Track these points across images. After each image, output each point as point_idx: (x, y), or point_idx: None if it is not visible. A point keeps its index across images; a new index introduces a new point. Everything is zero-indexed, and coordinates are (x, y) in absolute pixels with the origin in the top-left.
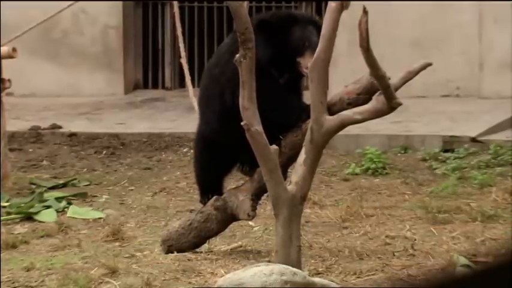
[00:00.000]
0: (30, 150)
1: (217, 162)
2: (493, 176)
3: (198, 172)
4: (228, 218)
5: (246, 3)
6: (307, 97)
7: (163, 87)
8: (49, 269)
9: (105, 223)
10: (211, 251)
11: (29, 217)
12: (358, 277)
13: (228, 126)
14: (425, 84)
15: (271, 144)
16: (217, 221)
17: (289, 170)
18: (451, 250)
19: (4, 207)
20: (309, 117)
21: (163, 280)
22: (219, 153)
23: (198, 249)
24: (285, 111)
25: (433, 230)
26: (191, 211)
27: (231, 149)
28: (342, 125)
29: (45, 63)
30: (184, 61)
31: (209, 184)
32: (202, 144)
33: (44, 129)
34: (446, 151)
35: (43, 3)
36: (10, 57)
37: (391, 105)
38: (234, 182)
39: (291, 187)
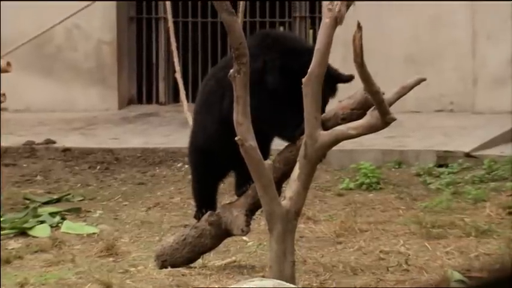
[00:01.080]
0: (24, 165)
1: (211, 173)
2: (487, 191)
3: (193, 184)
4: (222, 233)
5: (240, 17)
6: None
7: (157, 102)
8: (43, 284)
9: (99, 238)
10: (205, 266)
11: (22, 232)
12: None
13: (225, 133)
14: (419, 99)
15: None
16: (211, 236)
17: (283, 185)
18: (445, 265)
19: None
20: (303, 133)
21: None
22: (213, 163)
23: (192, 265)
24: (280, 127)
25: (427, 245)
26: (185, 226)
27: (226, 158)
28: (336, 140)
29: (39, 79)
30: (179, 76)
31: (204, 197)
32: (196, 156)
33: (38, 144)
34: (440, 166)
35: (37, 18)
36: (5, 71)
37: (385, 121)
38: (229, 197)
39: (285, 202)
